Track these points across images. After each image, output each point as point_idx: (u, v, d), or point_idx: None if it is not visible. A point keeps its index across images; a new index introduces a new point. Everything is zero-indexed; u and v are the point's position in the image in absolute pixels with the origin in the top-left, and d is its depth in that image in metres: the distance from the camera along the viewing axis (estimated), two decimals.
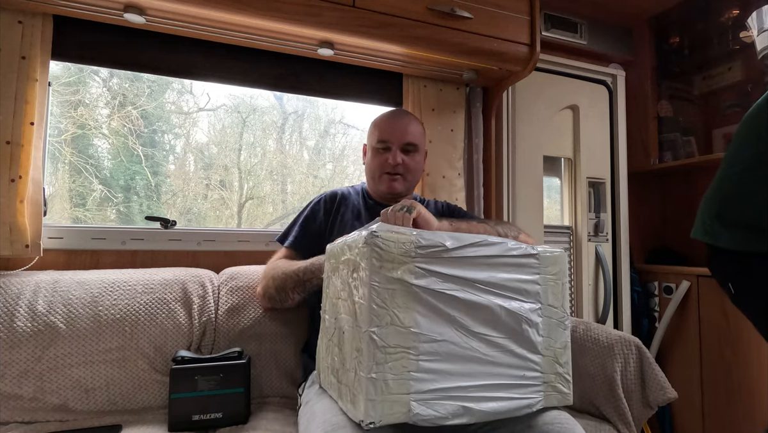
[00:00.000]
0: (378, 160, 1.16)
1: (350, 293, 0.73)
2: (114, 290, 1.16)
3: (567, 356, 0.82)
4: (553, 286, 0.82)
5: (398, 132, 1.16)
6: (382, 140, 1.15)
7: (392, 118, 1.19)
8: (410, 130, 1.18)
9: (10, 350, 1.04)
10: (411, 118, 1.23)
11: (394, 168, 1.15)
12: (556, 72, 1.98)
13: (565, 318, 0.82)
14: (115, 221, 1.66)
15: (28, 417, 1.04)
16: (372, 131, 1.21)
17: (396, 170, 1.16)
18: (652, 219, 2.31)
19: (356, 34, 1.34)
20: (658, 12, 2.12)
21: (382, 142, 1.15)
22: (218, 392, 1.04)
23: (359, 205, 1.24)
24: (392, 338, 0.67)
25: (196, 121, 1.83)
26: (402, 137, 1.16)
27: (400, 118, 1.19)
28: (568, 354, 0.82)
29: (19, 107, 1.18)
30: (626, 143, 2.10)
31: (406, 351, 0.68)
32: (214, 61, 1.47)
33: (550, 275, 0.81)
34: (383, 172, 1.16)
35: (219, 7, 1.20)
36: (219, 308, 1.25)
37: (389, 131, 1.16)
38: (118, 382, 1.10)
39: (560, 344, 0.81)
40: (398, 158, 1.15)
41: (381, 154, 1.16)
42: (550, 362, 0.79)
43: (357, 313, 0.71)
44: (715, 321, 1.78)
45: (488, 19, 1.47)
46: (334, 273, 0.84)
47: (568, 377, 0.81)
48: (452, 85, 1.72)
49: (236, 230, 1.60)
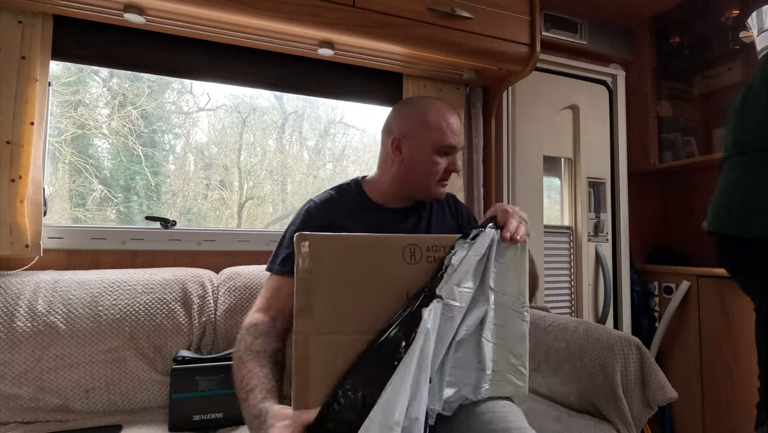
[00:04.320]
0: (439, 164, 1.03)
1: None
2: (114, 290, 1.16)
3: (523, 348, 0.80)
4: (506, 271, 0.78)
5: (461, 137, 1.09)
6: (451, 146, 1.03)
7: (453, 120, 1.06)
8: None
9: (10, 350, 1.04)
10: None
11: (449, 175, 1.05)
12: (556, 72, 1.98)
13: (523, 309, 0.80)
14: (115, 220, 1.66)
15: (28, 417, 1.04)
16: (429, 130, 1.03)
17: (449, 176, 1.08)
18: (652, 219, 2.31)
19: (356, 34, 1.34)
20: (658, 12, 2.12)
21: (450, 147, 1.03)
22: (219, 392, 1.04)
23: (362, 209, 1.07)
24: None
25: (196, 121, 1.83)
26: (461, 144, 1.08)
27: (456, 119, 1.07)
28: (524, 346, 0.80)
29: (19, 107, 1.18)
30: (626, 143, 2.10)
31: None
32: (214, 61, 1.47)
33: (502, 260, 0.78)
34: (440, 178, 1.05)
35: (219, 7, 1.20)
36: (219, 308, 1.25)
37: (457, 136, 1.05)
38: (118, 382, 1.10)
39: (516, 335, 0.79)
40: (456, 163, 1.06)
41: (442, 158, 1.04)
42: (502, 352, 0.78)
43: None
44: (715, 321, 1.78)
45: (488, 19, 1.47)
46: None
47: (523, 370, 0.79)
48: (452, 85, 1.72)
49: (236, 230, 1.60)
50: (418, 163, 1.04)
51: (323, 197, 1.06)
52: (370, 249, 0.70)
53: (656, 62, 2.21)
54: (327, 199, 1.05)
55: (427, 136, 1.03)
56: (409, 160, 1.04)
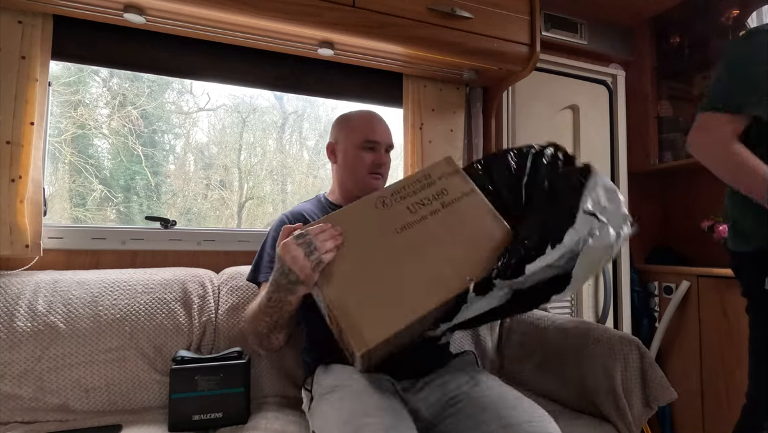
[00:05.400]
0: (364, 159, 1.16)
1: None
2: (114, 290, 1.16)
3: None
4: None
5: (385, 134, 1.20)
6: (370, 140, 1.17)
7: (376, 120, 1.21)
8: (390, 132, 1.23)
9: (10, 350, 1.04)
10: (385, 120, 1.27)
11: (379, 168, 1.18)
12: (556, 72, 1.98)
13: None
14: (115, 220, 1.67)
15: (28, 417, 1.04)
16: (351, 131, 1.19)
17: (380, 170, 1.18)
18: (652, 219, 2.31)
19: (356, 34, 1.34)
20: (658, 12, 2.12)
21: (370, 142, 1.17)
22: (218, 392, 1.04)
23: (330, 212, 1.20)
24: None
25: (196, 121, 1.83)
26: (388, 139, 1.20)
27: (380, 120, 1.22)
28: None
29: (19, 107, 1.18)
30: (626, 143, 2.10)
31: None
32: (214, 61, 1.47)
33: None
34: (369, 171, 1.17)
35: (219, 7, 1.20)
36: (219, 308, 1.25)
37: (378, 132, 1.18)
38: (118, 382, 1.10)
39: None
40: (385, 158, 1.19)
41: (368, 153, 1.17)
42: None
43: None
44: (715, 321, 1.78)
45: (488, 19, 1.47)
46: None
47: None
48: (452, 85, 1.72)
49: (236, 230, 1.60)
50: (347, 161, 1.18)
51: (294, 209, 1.20)
52: (353, 217, 0.83)
53: (656, 62, 2.21)
54: (297, 210, 1.18)
55: (350, 137, 1.18)
56: (341, 160, 1.20)
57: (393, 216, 0.82)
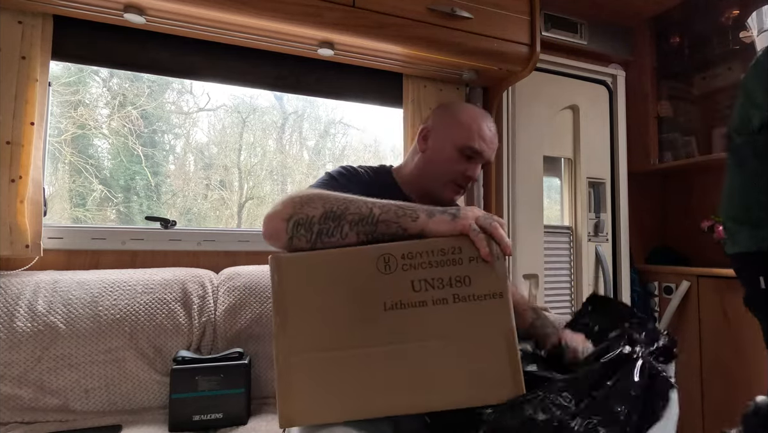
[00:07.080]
0: (457, 165, 1.00)
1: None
2: (114, 290, 1.16)
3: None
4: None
5: (490, 146, 1.02)
6: (475, 150, 0.99)
7: (486, 127, 1.02)
8: (496, 143, 1.04)
9: (10, 350, 1.04)
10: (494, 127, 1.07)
11: (467, 181, 1.02)
12: (556, 72, 1.98)
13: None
14: (115, 221, 1.66)
15: (28, 417, 1.04)
16: (457, 128, 1.01)
17: (467, 183, 1.02)
18: (652, 219, 2.31)
19: (356, 34, 1.34)
20: (658, 12, 2.12)
21: (474, 151, 0.99)
22: (219, 392, 1.04)
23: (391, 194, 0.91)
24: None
25: (196, 121, 1.83)
26: (491, 154, 1.03)
27: (490, 127, 1.03)
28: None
29: (19, 107, 1.18)
30: (626, 143, 2.10)
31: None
32: (213, 61, 1.47)
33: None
34: (454, 180, 1.01)
35: (219, 7, 1.20)
36: (218, 308, 1.25)
37: (486, 144, 1.00)
38: (118, 382, 1.10)
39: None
40: (477, 172, 1.02)
41: (463, 161, 1.00)
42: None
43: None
44: (715, 321, 1.78)
45: (488, 19, 1.47)
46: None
47: None
48: (452, 85, 1.72)
49: (236, 230, 1.60)
50: (437, 158, 1.01)
51: (351, 168, 1.02)
52: (342, 264, 0.66)
53: (656, 62, 2.21)
54: (353, 171, 1.01)
55: (453, 133, 1.01)
56: (431, 152, 1.02)
57: (389, 286, 0.65)
